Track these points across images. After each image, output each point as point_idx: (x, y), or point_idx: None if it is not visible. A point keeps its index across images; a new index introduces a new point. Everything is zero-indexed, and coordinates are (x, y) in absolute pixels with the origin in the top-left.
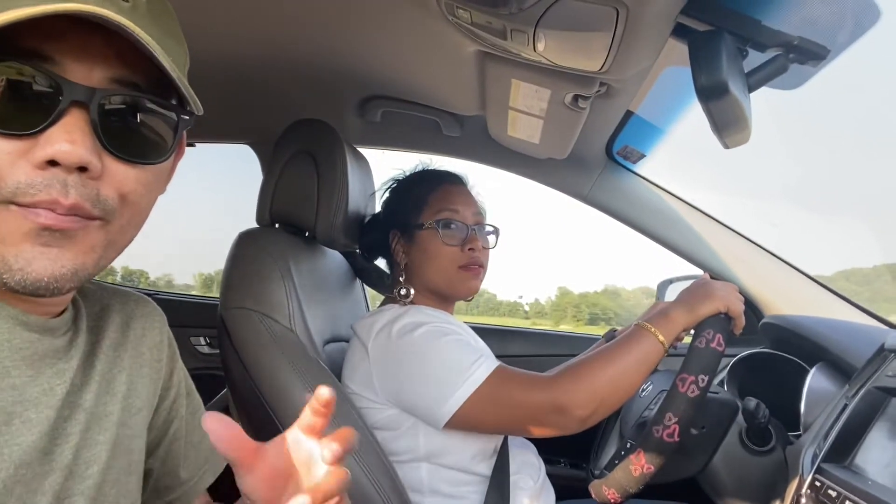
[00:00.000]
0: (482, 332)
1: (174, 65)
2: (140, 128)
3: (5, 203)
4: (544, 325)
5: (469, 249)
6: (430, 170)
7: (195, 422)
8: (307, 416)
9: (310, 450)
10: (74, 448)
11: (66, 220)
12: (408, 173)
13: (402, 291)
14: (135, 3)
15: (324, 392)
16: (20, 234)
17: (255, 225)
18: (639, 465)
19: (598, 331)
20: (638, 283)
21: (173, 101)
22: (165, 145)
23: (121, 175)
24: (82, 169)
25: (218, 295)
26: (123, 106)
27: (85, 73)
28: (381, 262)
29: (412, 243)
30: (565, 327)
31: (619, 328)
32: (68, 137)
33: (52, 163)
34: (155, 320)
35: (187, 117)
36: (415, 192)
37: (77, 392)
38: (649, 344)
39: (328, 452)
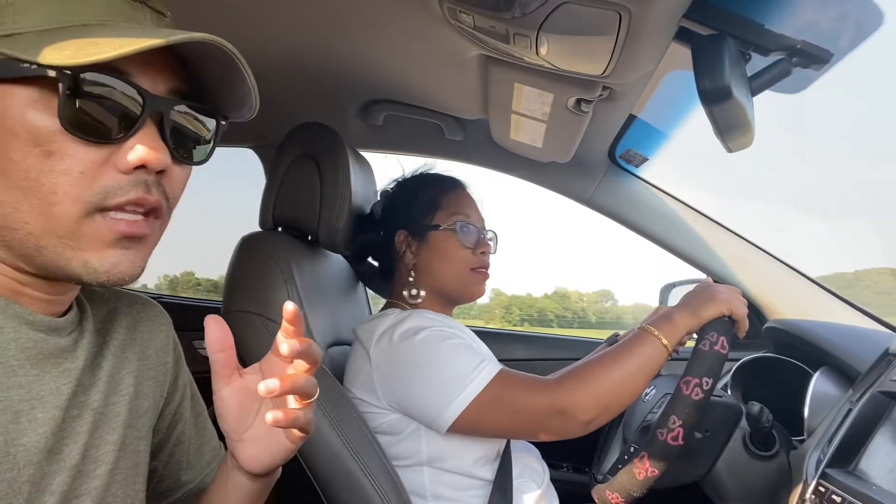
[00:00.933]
0: (484, 335)
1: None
2: (192, 133)
3: (93, 212)
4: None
5: (481, 253)
6: (436, 173)
7: (199, 425)
8: (278, 338)
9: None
10: (83, 448)
11: (142, 227)
12: (412, 174)
13: (413, 292)
14: (170, 17)
15: (288, 306)
16: (104, 241)
17: (214, 224)
18: (643, 469)
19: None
20: (596, 286)
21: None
22: (207, 147)
23: (176, 176)
24: (159, 172)
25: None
26: (183, 114)
27: (151, 85)
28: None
29: (423, 244)
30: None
31: (621, 332)
32: (153, 144)
33: (136, 167)
34: (161, 323)
35: (224, 122)
36: (425, 193)
37: (84, 392)
38: (653, 347)
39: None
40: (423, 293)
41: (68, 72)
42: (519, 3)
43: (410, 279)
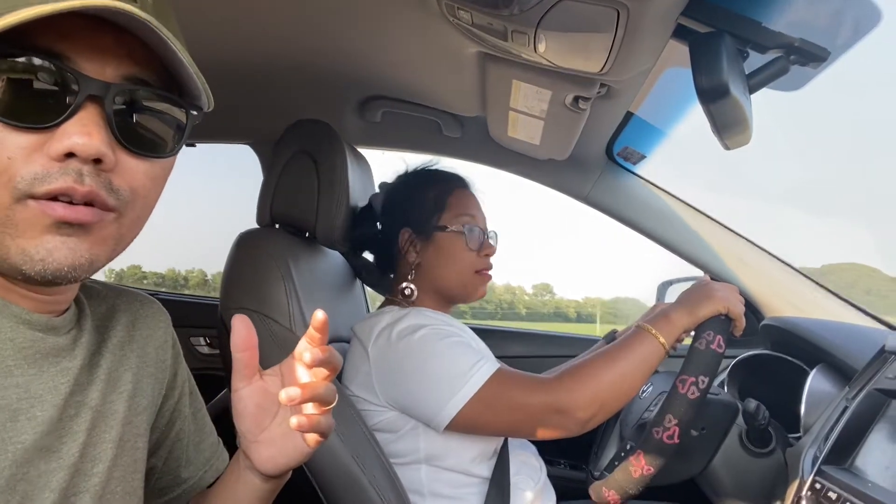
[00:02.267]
0: (481, 332)
1: (189, 58)
2: (151, 123)
3: (23, 198)
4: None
5: (485, 255)
6: (443, 171)
7: (198, 422)
8: (301, 344)
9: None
10: (81, 446)
11: (81, 212)
12: (415, 170)
13: (407, 291)
14: (143, 2)
15: (318, 315)
16: (40, 227)
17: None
18: (639, 467)
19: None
20: (537, 280)
21: (179, 96)
22: (174, 140)
23: (132, 168)
24: (97, 161)
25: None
26: (136, 102)
27: (98, 71)
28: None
29: (428, 243)
30: None
31: (619, 329)
32: (84, 130)
33: (68, 155)
34: (160, 321)
35: (195, 112)
36: (431, 192)
37: (82, 391)
38: (650, 346)
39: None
40: (416, 292)
41: None
42: (517, 0)
43: (410, 277)
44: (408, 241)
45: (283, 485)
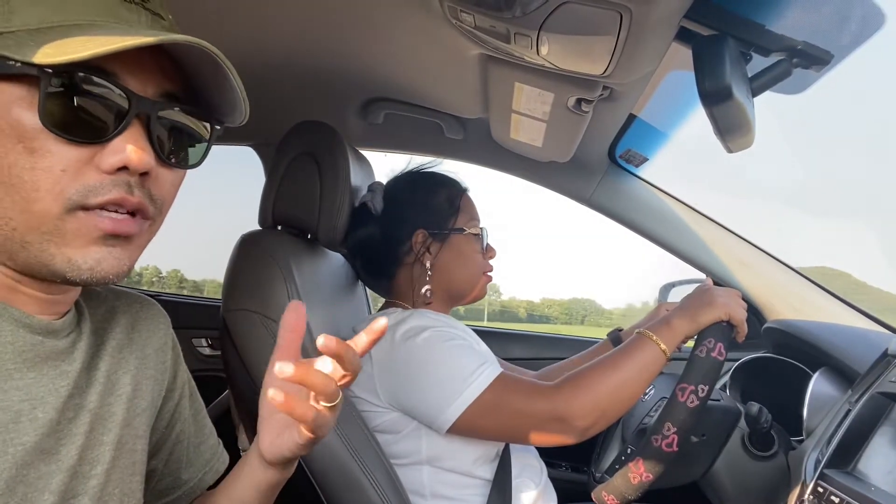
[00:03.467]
0: (483, 334)
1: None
2: (182, 137)
3: (74, 209)
4: None
5: (489, 257)
6: (444, 174)
7: (198, 423)
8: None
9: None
10: (79, 448)
11: (128, 225)
12: (420, 171)
13: (427, 293)
14: (168, 20)
15: (381, 323)
16: (88, 238)
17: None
18: (637, 474)
19: None
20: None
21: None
22: (199, 152)
23: (164, 179)
24: (143, 174)
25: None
26: (172, 117)
27: (141, 88)
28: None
29: (444, 246)
30: None
31: (623, 328)
32: (136, 146)
33: (120, 168)
34: (160, 322)
35: (219, 127)
36: (441, 194)
37: (81, 394)
38: (651, 353)
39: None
40: (430, 294)
41: (49, 70)
42: (520, 2)
43: (427, 279)
44: (422, 244)
45: (282, 482)
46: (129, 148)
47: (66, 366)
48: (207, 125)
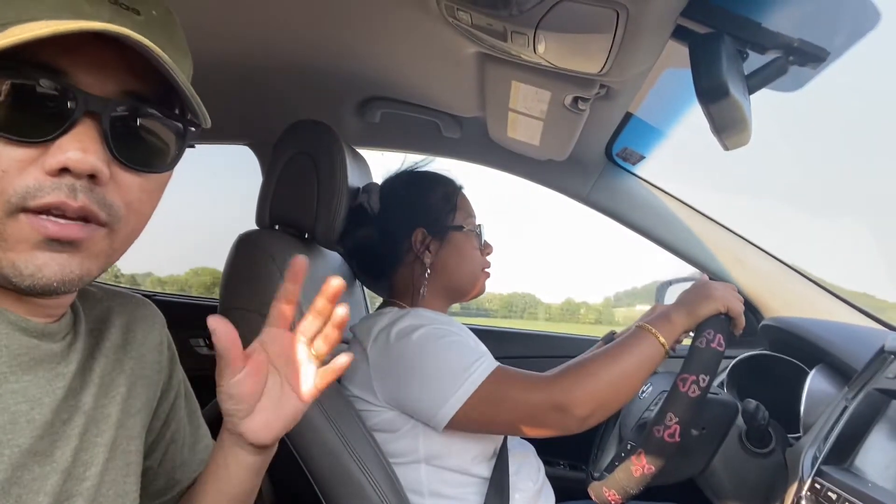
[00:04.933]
0: (480, 333)
1: (186, 79)
2: (147, 138)
3: (14, 212)
4: None
5: (487, 254)
6: (440, 173)
7: (193, 424)
8: (273, 307)
9: (282, 341)
10: (73, 450)
11: (71, 230)
12: (416, 171)
13: (423, 291)
14: (147, 16)
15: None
16: (30, 242)
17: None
18: (640, 466)
19: None
20: None
21: (178, 112)
22: (170, 155)
23: (126, 183)
24: (91, 176)
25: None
26: (133, 117)
27: (98, 85)
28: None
29: (444, 243)
30: None
31: (617, 331)
32: (80, 146)
33: (63, 170)
34: (156, 323)
35: (193, 129)
36: (440, 193)
37: (75, 396)
38: (650, 346)
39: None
40: (425, 292)
41: None
42: (516, 1)
43: (426, 277)
44: (422, 242)
45: (269, 460)
46: (73, 148)
47: (62, 368)
48: (180, 127)
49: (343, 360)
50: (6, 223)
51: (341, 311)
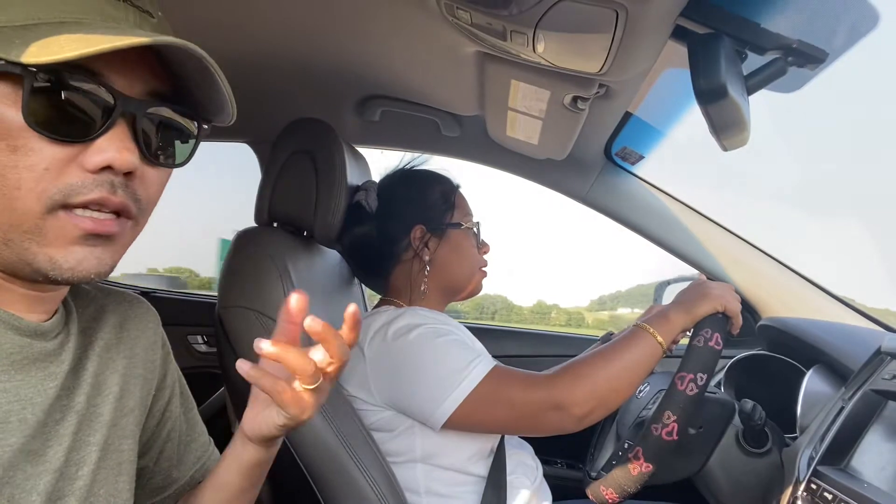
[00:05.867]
0: (477, 332)
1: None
2: (169, 136)
3: (55, 208)
4: None
5: (484, 252)
6: (438, 171)
7: (188, 421)
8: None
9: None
10: (66, 450)
11: (109, 225)
12: (414, 168)
13: (424, 288)
14: (158, 18)
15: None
16: (69, 238)
17: None
18: (637, 465)
19: None
20: None
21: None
22: (187, 150)
23: (150, 178)
24: (127, 173)
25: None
26: (160, 117)
27: (127, 87)
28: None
29: (442, 241)
30: None
31: (615, 332)
32: (120, 145)
33: (104, 168)
34: (149, 321)
35: (206, 126)
36: (436, 190)
37: (68, 395)
38: (648, 345)
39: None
40: (425, 290)
41: (33, 69)
42: (516, 0)
43: (425, 275)
44: (420, 239)
45: (267, 463)
46: (114, 147)
47: (54, 367)
48: (195, 123)
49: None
50: (45, 219)
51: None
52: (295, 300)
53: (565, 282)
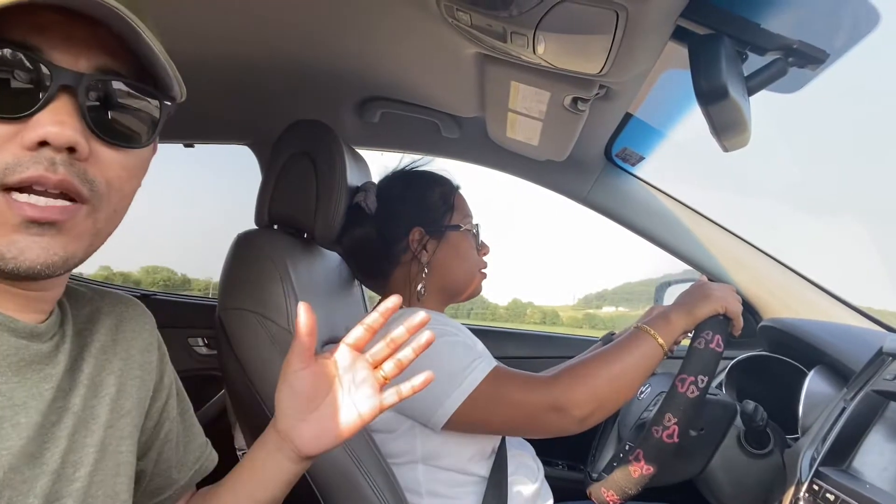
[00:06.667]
0: (478, 332)
1: (160, 46)
2: (125, 114)
3: None
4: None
5: (483, 254)
6: (437, 172)
7: (185, 423)
8: (358, 331)
9: (352, 360)
10: (63, 452)
11: (51, 212)
12: (413, 170)
13: (422, 290)
14: None
15: (301, 310)
16: (9, 225)
17: None
18: (638, 467)
19: None
20: None
21: (152, 87)
22: (149, 131)
23: (107, 159)
24: (70, 151)
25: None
26: (109, 92)
27: (71, 62)
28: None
29: (441, 243)
30: None
31: (616, 332)
32: (57, 119)
33: (41, 144)
34: (145, 322)
35: (169, 103)
36: (435, 192)
37: (64, 397)
38: (649, 346)
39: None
40: (424, 291)
41: None
42: (516, 1)
43: (423, 277)
44: (419, 241)
45: (304, 470)
46: (51, 121)
47: (50, 369)
48: (157, 104)
49: (418, 381)
50: None
51: (427, 334)
52: (306, 311)
53: (546, 280)
